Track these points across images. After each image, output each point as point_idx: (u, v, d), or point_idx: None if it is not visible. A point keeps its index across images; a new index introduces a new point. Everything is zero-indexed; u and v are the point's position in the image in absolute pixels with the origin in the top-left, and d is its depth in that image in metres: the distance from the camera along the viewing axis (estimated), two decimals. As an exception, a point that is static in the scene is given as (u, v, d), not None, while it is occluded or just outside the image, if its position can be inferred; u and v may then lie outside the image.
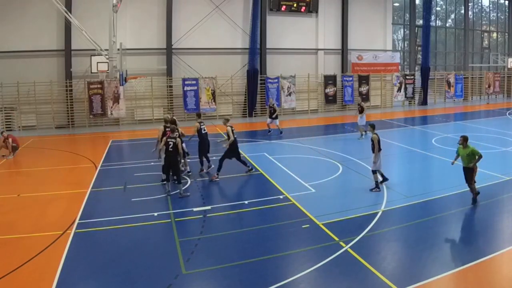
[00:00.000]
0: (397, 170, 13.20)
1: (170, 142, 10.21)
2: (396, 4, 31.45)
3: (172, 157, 10.20)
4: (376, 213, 8.93)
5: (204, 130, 12.53)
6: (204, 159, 12.62)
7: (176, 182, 10.47)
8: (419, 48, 31.67)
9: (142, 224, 8.76)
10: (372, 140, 10.61)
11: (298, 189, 10.70)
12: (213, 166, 12.46)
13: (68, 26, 21.12)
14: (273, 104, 19.54)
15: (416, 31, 31.86)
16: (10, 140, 15.31)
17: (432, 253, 7.11)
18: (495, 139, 17.09)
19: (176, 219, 8.94)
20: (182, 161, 11.70)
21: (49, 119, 22.07)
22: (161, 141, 10.96)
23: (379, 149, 10.47)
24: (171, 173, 10.53)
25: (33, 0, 21.32)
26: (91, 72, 21.23)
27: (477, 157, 9.36)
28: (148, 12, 23.53)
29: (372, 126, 11.13)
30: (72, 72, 22.11)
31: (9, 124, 21.34)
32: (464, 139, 9.60)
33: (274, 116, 19.20)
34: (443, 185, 10.86)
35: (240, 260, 7.01)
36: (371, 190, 10.44)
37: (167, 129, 11.48)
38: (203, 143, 12.48)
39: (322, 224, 8.39)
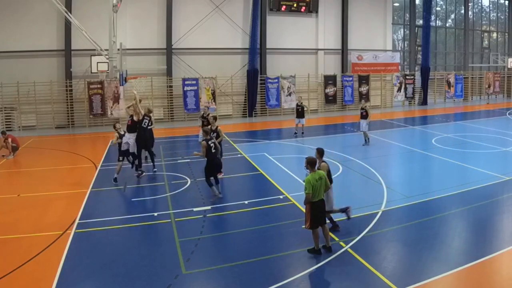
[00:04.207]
0: (397, 170, 13.22)
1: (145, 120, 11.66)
2: (396, 4, 31.45)
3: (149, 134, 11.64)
4: (376, 213, 8.93)
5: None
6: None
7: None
8: (419, 48, 31.68)
9: (142, 224, 8.77)
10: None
11: (298, 189, 10.65)
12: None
13: (68, 26, 21.13)
14: (301, 103, 18.63)
15: (416, 31, 31.86)
16: (9, 140, 15.31)
17: (432, 253, 7.11)
18: (495, 139, 17.10)
19: (176, 219, 8.94)
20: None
21: (49, 119, 22.08)
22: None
23: (330, 182, 7.81)
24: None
25: (33, 1, 21.32)
26: (91, 72, 21.24)
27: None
28: (148, 12, 23.54)
29: (320, 153, 7.99)
30: (72, 72, 22.12)
31: (9, 124, 21.34)
32: (308, 162, 7.19)
33: (302, 115, 18.39)
34: (443, 185, 10.87)
35: (240, 260, 7.01)
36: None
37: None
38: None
39: (322, 224, 8.38)
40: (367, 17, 29.01)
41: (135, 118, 11.89)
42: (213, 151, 10.04)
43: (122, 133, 12.38)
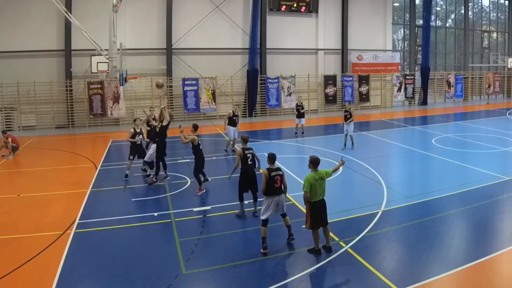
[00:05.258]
0: (397, 170, 13.22)
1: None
2: (396, 4, 31.45)
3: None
4: (376, 213, 8.94)
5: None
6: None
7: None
8: (419, 48, 31.68)
9: (142, 224, 8.77)
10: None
11: (298, 189, 10.61)
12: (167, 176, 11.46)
13: (68, 26, 21.14)
14: (301, 103, 18.61)
15: (416, 31, 31.87)
16: (9, 140, 15.31)
17: (432, 253, 7.11)
18: (495, 139, 17.10)
19: (176, 219, 8.94)
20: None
21: (49, 119, 22.09)
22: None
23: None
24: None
25: (33, 0, 21.33)
26: (91, 72, 21.23)
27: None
28: (148, 12, 23.54)
29: (271, 159, 7.70)
30: (72, 72, 22.13)
31: (9, 124, 21.34)
32: (311, 161, 7.16)
33: (302, 115, 18.42)
34: (443, 185, 10.86)
35: (240, 260, 7.01)
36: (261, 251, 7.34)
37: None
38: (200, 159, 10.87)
39: (322, 224, 8.38)
40: (367, 17, 29.01)
41: (164, 123, 11.17)
42: (250, 162, 8.97)
43: (139, 130, 12.40)
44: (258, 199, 9.02)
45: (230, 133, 15.31)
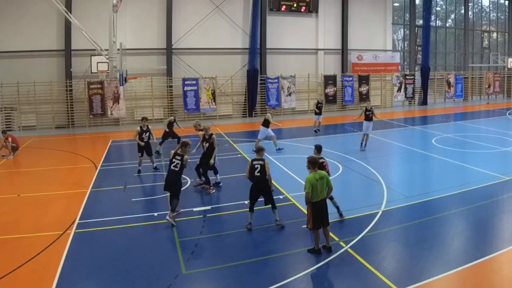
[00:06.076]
0: (397, 170, 13.22)
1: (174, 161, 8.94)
2: (396, 4, 31.45)
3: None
4: (376, 213, 8.93)
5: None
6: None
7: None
8: (419, 48, 31.68)
9: (142, 224, 8.77)
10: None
11: (298, 189, 10.62)
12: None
13: (68, 26, 21.14)
14: (322, 101, 19.15)
15: (416, 31, 31.87)
16: (9, 140, 15.30)
17: (432, 253, 7.11)
18: (495, 139, 17.10)
19: (176, 219, 8.92)
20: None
21: (49, 119, 22.09)
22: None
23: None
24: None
25: (33, 0, 21.33)
26: (91, 72, 21.24)
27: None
28: (148, 12, 23.55)
29: (318, 149, 8.80)
30: (72, 72, 22.13)
31: (9, 124, 21.34)
32: (309, 161, 7.24)
33: (321, 112, 19.13)
34: (443, 185, 10.87)
35: (240, 260, 7.01)
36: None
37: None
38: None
39: (322, 224, 8.36)
40: (367, 17, 29.01)
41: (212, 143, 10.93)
42: (257, 174, 8.31)
43: (145, 128, 12.61)
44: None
45: (271, 133, 15.86)
